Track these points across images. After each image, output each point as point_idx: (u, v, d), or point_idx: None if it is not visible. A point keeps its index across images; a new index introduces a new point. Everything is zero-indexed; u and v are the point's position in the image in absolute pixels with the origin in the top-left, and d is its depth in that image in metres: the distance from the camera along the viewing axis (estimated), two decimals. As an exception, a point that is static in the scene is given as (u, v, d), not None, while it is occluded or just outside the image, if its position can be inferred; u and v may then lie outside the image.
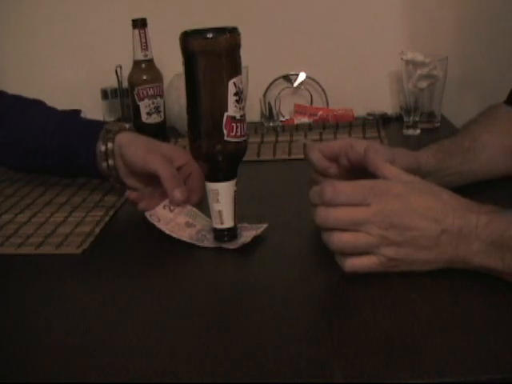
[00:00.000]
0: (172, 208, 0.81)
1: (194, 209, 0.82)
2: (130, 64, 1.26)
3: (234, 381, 0.51)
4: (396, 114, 1.39)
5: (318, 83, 1.47)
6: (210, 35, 0.70)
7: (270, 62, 1.45)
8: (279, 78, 1.47)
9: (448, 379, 0.50)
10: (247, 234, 0.76)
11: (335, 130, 1.30)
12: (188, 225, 0.80)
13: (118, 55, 1.33)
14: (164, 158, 0.84)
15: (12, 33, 1.48)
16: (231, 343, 0.56)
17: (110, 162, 0.88)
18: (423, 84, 1.29)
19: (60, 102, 1.48)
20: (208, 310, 0.63)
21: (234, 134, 0.72)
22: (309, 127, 1.33)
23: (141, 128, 1.27)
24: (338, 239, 0.64)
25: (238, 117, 0.71)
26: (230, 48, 0.71)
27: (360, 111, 1.39)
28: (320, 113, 1.41)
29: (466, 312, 0.59)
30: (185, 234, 0.78)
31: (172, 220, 0.80)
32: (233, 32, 0.72)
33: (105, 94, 1.41)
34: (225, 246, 0.75)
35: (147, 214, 0.80)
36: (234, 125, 0.71)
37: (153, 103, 1.26)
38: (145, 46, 1.23)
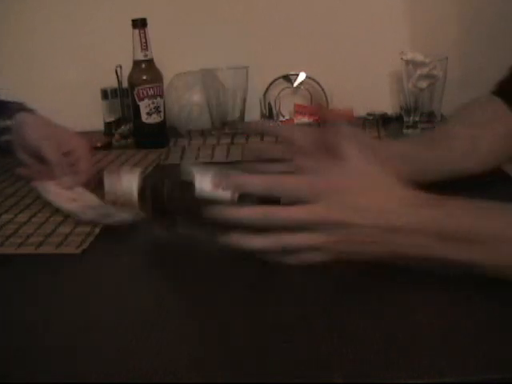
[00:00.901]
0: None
1: (81, 189, 0.88)
2: (130, 64, 1.26)
3: (234, 381, 0.51)
4: (396, 114, 1.39)
5: (318, 83, 1.47)
6: None
7: (270, 62, 1.45)
8: (279, 77, 1.47)
9: (448, 379, 0.50)
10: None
11: (335, 130, 1.30)
12: (74, 199, 0.85)
13: (118, 55, 1.33)
14: (55, 145, 0.93)
15: (12, 33, 1.48)
16: (231, 343, 0.56)
17: (8, 137, 0.98)
18: (423, 84, 1.29)
19: (60, 101, 1.49)
20: (208, 309, 0.63)
21: None
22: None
23: (141, 128, 1.27)
24: (283, 240, 0.65)
25: None
26: None
27: (360, 111, 1.39)
28: (320, 113, 1.41)
29: (466, 312, 0.59)
30: (67, 205, 0.84)
31: (60, 194, 0.86)
32: None
33: (105, 94, 1.41)
34: (104, 221, 0.81)
35: (35, 185, 0.87)
36: None
37: (153, 103, 1.26)
38: (145, 45, 1.23)
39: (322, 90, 1.47)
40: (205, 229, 0.72)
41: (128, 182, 0.76)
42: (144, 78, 1.25)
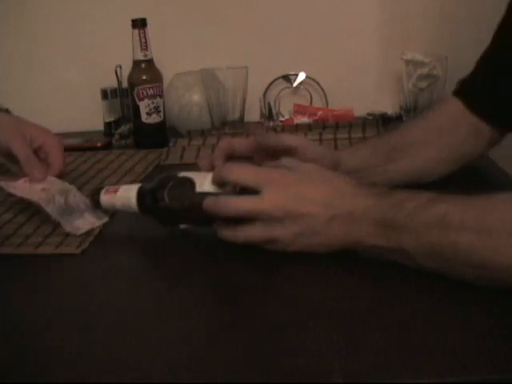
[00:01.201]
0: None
1: (53, 178, 0.88)
2: (130, 64, 1.26)
3: (234, 381, 0.51)
4: (396, 114, 1.39)
5: (317, 83, 1.47)
6: None
7: (269, 62, 1.45)
8: (279, 77, 1.47)
9: (448, 379, 0.50)
10: (87, 221, 0.81)
11: (335, 130, 1.30)
12: (43, 190, 0.84)
13: (117, 55, 1.34)
14: (24, 141, 0.92)
15: (12, 33, 1.48)
16: (231, 343, 0.56)
17: None
18: (423, 84, 1.29)
19: (60, 101, 1.50)
20: (208, 310, 0.63)
21: None
22: (308, 127, 1.33)
23: (141, 128, 1.27)
24: (238, 231, 0.70)
25: None
26: None
27: (360, 111, 1.39)
28: (320, 113, 1.41)
29: (466, 312, 0.59)
30: (34, 196, 0.83)
31: (28, 188, 0.85)
32: None
33: (105, 94, 1.41)
34: (62, 223, 0.81)
35: (2, 184, 0.85)
36: None
37: (152, 103, 1.26)
38: (144, 46, 1.23)
39: (322, 90, 1.48)
40: (206, 222, 0.74)
41: (126, 193, 0.77)
42: (144, 77, 1.25)
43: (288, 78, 1.48)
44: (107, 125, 1.41)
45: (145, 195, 0.77)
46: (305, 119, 1.41)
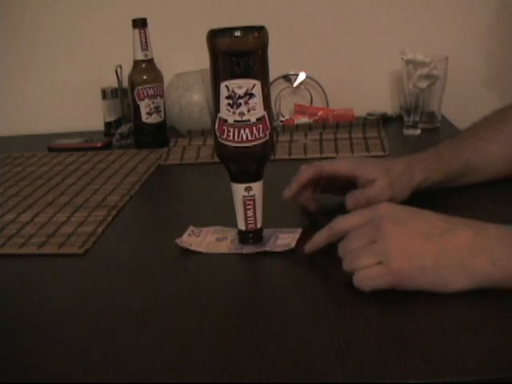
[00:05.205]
0: (197, 233, 0.79)
1: (219, 226, 0.81)
2: (130, 64, 1.26)
3: (234, 381, 0.51)
4: (396, 114, 1.39)
5: (318, 83, 1.47)
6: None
7: (270, 61, 1.45)
8: (279, 77, 1.47)
9: (448, 379, 0.50)
10: (285, 237, 0.76)
11: (335, 130, 1.30)
12: (219, 240, 0.78)
13: (118, 55, 1.34)
14: None
15: (12, 33, 1.48)
16: (231, 343, 0.56)
17: None
18: (423, 84, 1.29)
19: (60, 102, 1.50)
20: (208, 310, 0.63)
21: (225, 137, 0.71)
22: (309, 127, 1.33)
23: (141, 128, 1.27)
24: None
25: (230, 121, 0.71)
26: (223, 49, 0.71)
27: (360, 111, 1.39)
28: (320, 113, 1.41)
29: (466, 312, 0.59)
30: (221, 248, 0.76)
31: (202, 242, 0.78)
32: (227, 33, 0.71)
33: (105, 94, 1.41)
34: (265, 249, 0.74)
35: (178, 241, 0.77)
36: (226, 128, 0.71)
37: (153, 103, 1.26)
38: (145, 45, 1.23)
39: (322, 89, 1.48)
40: None
41: None
42: (144, 77, 1.25)
43: (288, 78, 1.48)
44: (107, 125, 1.41)
45: None
46: (305, 119, 1.41)
